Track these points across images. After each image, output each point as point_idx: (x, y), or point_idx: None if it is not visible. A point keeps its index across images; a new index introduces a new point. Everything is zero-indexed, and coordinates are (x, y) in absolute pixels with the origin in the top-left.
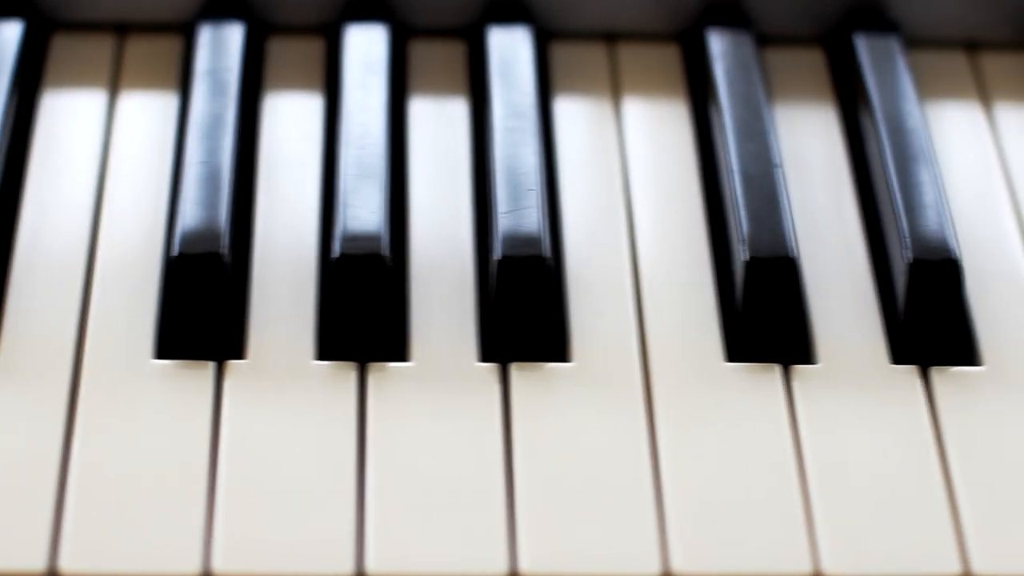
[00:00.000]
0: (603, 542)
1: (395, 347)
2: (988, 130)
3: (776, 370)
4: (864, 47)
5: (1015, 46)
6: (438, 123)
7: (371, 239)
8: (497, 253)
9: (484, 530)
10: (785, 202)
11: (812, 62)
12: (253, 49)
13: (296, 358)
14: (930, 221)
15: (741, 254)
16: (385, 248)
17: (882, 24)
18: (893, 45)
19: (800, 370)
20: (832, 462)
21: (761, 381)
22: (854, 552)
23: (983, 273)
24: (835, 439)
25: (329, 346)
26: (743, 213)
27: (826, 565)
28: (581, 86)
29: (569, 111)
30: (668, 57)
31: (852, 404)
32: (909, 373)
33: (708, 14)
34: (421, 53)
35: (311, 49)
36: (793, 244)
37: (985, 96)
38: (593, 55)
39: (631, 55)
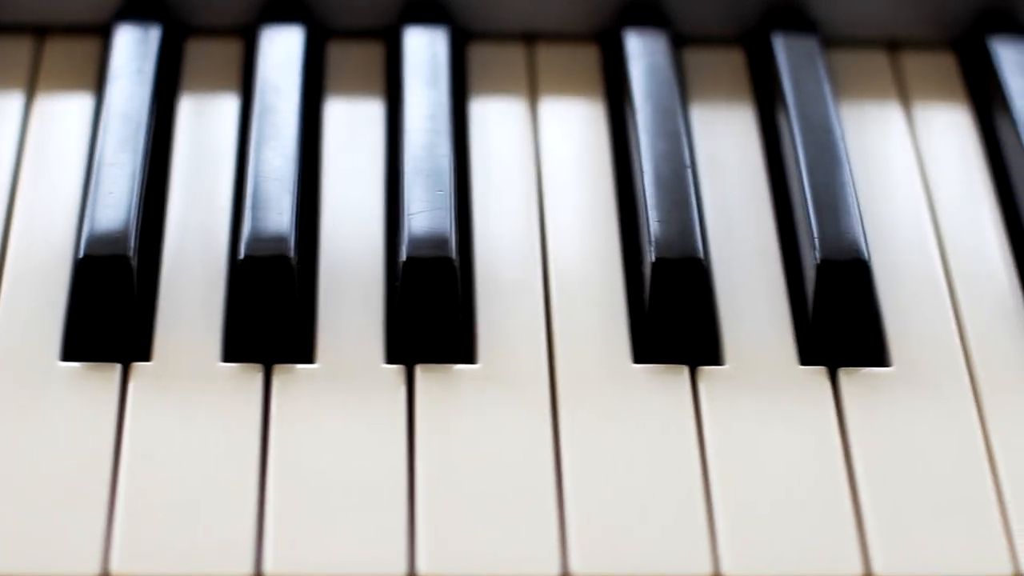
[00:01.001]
0: (503, 544)
1: (301, 349)
2: (907, 129)
3: (683, 371)
4: (782, 47)
5: (936, 45)
6: (354, 124)
7: (277, 241)
8: (404, 254)
9: (384, 531)
10: (695, 203)
11: (731, 62)
12: (171, 50)
13: (202, 360)
14: (840, 222)
15: (649, 255)
16: (291, 249)
17: (802, 24)
18: (812, 45)
19: (707, 371)
20: (736, 463)
21: (668, 382)
22: (755, 553)
23: (897, 273)
24: (740, 440)
25: (235, 348)
26: (652, 214)
27: (726, 566)
28: (498, 86)
29: (485, 112)
30: (586, 57)
31: (759, 405)
32: (817, 374)
33: (627, 14)
34: (339, 54)
35: (229, 50)
36: (701, 245)
37: (905, 96)
38: (512, 55)
39: (550, 55)
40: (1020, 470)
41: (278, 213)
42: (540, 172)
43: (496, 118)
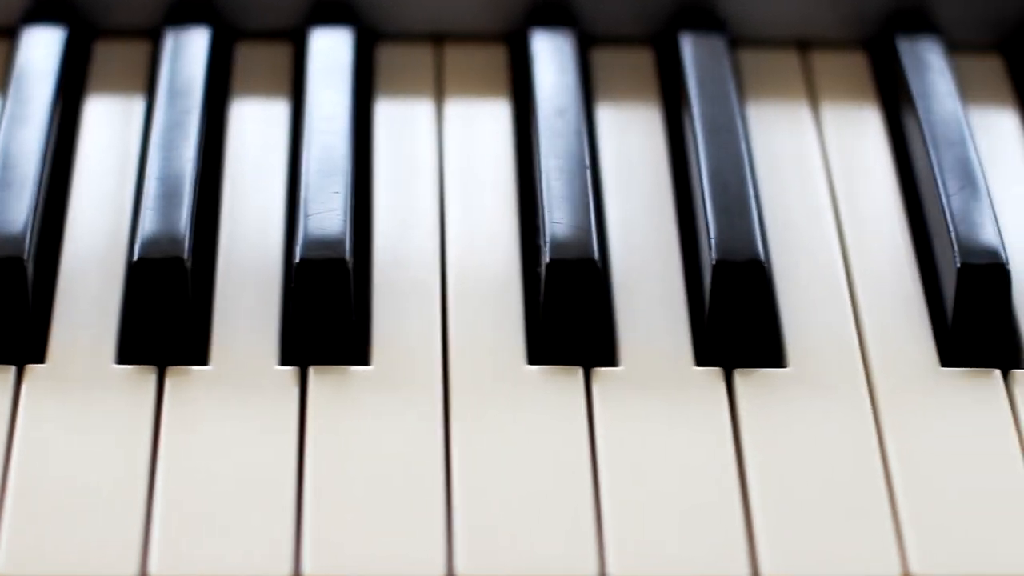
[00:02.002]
0: (389, 545)
1: (196, 351)
2: (815, 129)
3: (577, 372)
4: (688, 47)
5: (847, 45)
6: (259, 125)
7: (172, 243)
8: (297, 255)
9: (271, 533)
10: (591, 203)
11: (640, 62)
12: (78, 52)
13: (96, 362)
14: (738, 222)
15: (545, 256)
16: (185, 251)
17: (711, 24)
18: (719, 45)
19: (602, 372)
20: (628, 465)
21: (561, 383)
22: (643, 555)
23: (797, 274)
24: (633, 441)
25: (129, 350)
26: (548, 215)
27: (612, 569)
28: (405, 87)
29: (390, 112)
30: (495, 57)
31: (652, 406)
32: (712, 375)
33: (535, 15)
34: (248, 55)
35: (136, 52)
36: (597, 246)
37: (814, 95)
38: (419, 56)
39: (457, 56)
40: (913, 472)
41: (175, 215)
42: (441, 172)
43: (402, 119)
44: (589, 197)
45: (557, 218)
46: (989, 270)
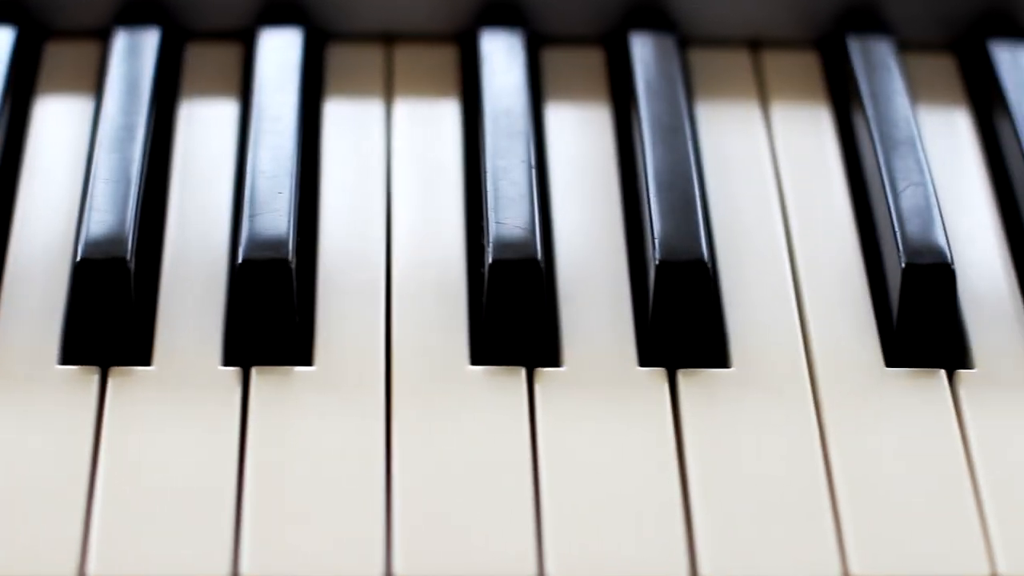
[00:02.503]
0: (329, 546)
1: (139, 351)
2: (764, 128)
3: (520, 373)
4: (638, 46)
5: (799, 45)
6: (209, 126)
7: (115, 243)
8: (240, 256)
9: (210, 533)
10: (536, 204)
11: (591, 62)
12: (24, 53)
13: (39, 362)
14: (682, 222)
15: (488, 256)
16: (129, 252)
17: (661, 23)
18: (669, 44)
19: (545, 373)
20: (569, 465)
21: (504, 384)
22: (581, 555)
23: (743, 274)
24: (575, 442)
25: (72, 350)
26: (492, 215)
27: (551, 569)
28: (355, 87)
29: (339, 113)
30: (445, 58)
31: (595, 407)
32: (655, 375)
33: (485, 15)
34: (198, 56)
35: (87, 53)
36: (539, 247)
37: (765, 95)
38: (370, 56)
39: (408, 56)
40: (855, 473)
41: (119, 215)
42: (388, 172)
43: (352, 119)
44: (533, 198)
45: (501, 218)
46: (934, 270)
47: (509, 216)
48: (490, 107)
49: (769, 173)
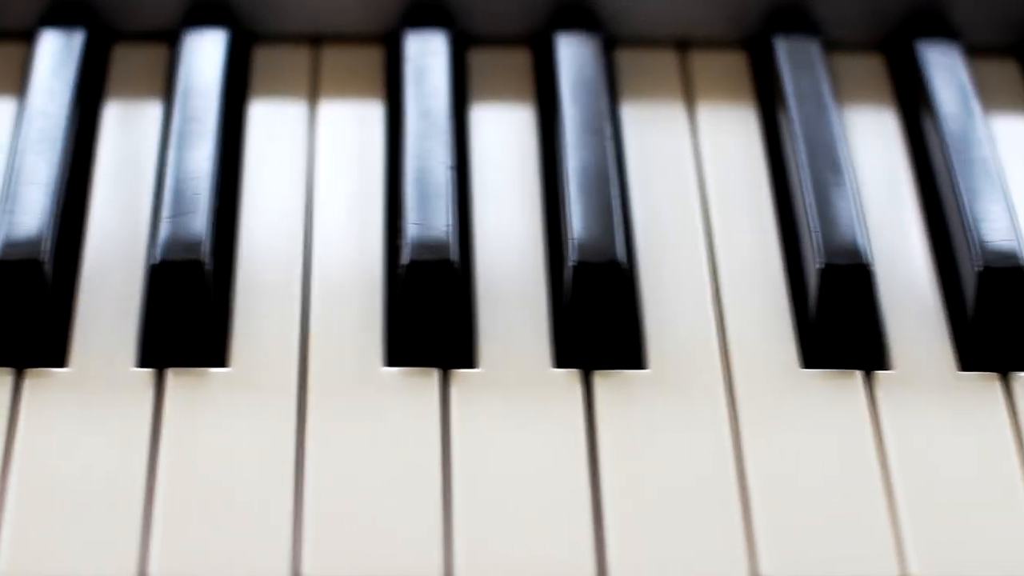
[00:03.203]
0: (238, 547)
1: (54, 352)
2: (688, 129)
3: (434, 374)
4: (564, 46)
5: (727, 45)
6: (131, 128)
7: (31, 244)
8: (155, 257)
9: (119, 535)
10: (453, 204)
11: (517, 62)
12: None
13: None
14: (600, 223)
15: (403, 258)
16: (45, 253)
17: (588, 23)
18: (594, 44)
19: (460, 374)
20: (483, 467)
21: (418, 385)
22: (492, 556)
23: (663, 275)
24: (489, 444)
25: None
26: (409, 216)
27: (460, 570)
28: (280, 88)
29: (263, 113)
30: (371, 59)
31: (509, 408)
32: (570, 377)
33: (411, 15)
34: (124, 58)
35: (10, 53)
36: (455, 248)
37: (691, 95)
38: (296, 57)
39: (335, 57)
40: (769, 474)
41: (33, 216)
42: (311, 173)
43: (276, 120)
44: (449, 198)
45: (417, 219)
46: (851, 271)
47: (426, 217)
48: (412, 108)
49: (692, 174)
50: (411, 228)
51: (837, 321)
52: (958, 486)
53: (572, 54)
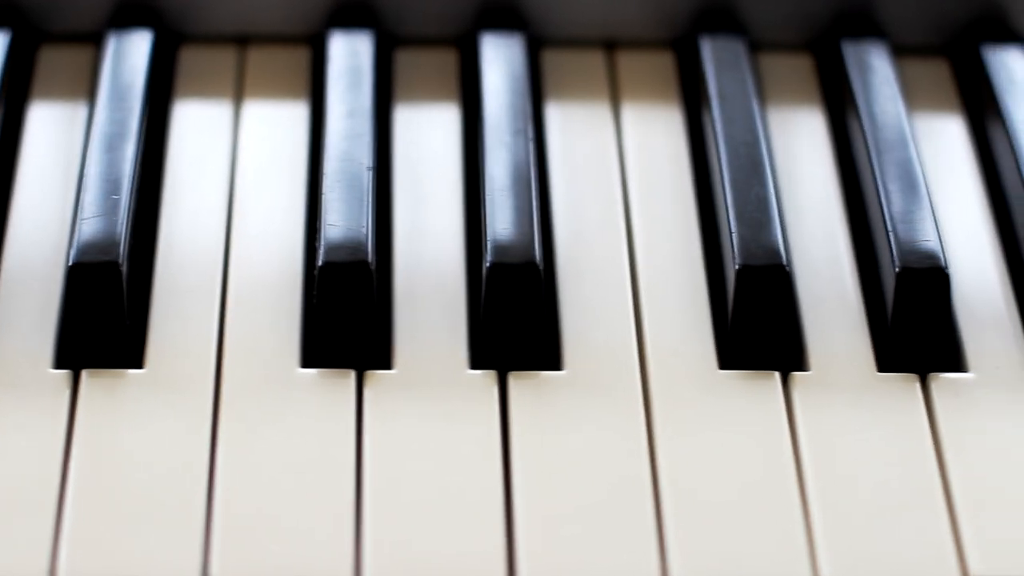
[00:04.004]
0: (148, 549)
1: None
2: (613, 129)
3: (350, 376)
4: (489, 47)
5: (653, 45)
6: (56, 129)
7: None
8: (71, 259)
9: (29, 535)
10: (370, 206)
11: (444, 63)
12: None
13: None
14: (518, 224)
15: (318, 259)
16: None
17: (514, 24)
18: (518, 45)
19: (375, 375)
20: (395, 468)
21: (333, 386)
22: (401, 557)
23: (582, 276)
24: (402, 445)
25: None
26: (327, 216)
27: (368, 570)
28: (205, 89)
29: (188, 114)
30: (296, 59)
31: (425, 409)
32: (487, 378)
33: (337, 16)
34: (50, 58)
35: None
36: (371, 249)
37: (616, 95)
38: (222, 58)
39: (260, 58)
40: (681, 476)
41: None
42: (235, 175)
43: (200, 120)
44: (368, 199)
45: (334, 220)
46: (769, 271)
47: (344, 218)
48: (335, 109)
49: (616, 174)
50: (328, 229)
51: (754, 322)
52: (875, 487)
53: (496, 55)
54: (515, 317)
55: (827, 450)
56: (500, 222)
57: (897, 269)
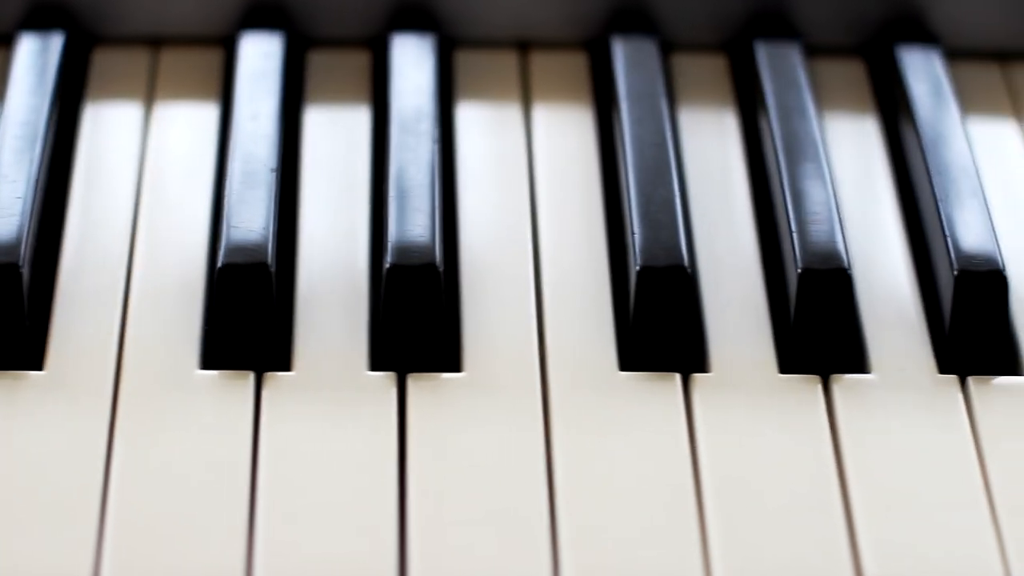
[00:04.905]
0: (37, 550)
1: None
2: (523, 130)
3: (248, 377)
4: (398, 48)
5: (567, 46)
6: None
7: None
8: None
9: None
10: (273, 207)
11: (357, 64)
12: None
13: None
14: (416, 225)
15: (218, 260)
16: None
17: (426, 25)
18: (427, 45)
19: (274, 377)
20: (291, 469)
21: (232, 388)
22: (291, 558)
23: (484, 277)
24: (299, 447)
25: None
26: (229, 218)
27: (259, 571)
28: (117, 90)
29: (99, 116)
30: (209, 61)
31: (323, 411)
32: (385, 379)
33: (250, 19)
34: None
35: None
36: (271, 250)
37: (528, 96)
38: (136, 60)
39: (174, 59)
40: (577, 477)
41: None
42: (141, 176)
43: (111, 122)
44: (270, 201)
45: (235, 223)
46: (670, 272)
47: (245, 219)
48: (243, 110)
49: (524, 175)
50: (229, 230)
51: (655, 324)
52: (772, 489)
53: (406, 56)
54: (414, 319)
55: (725, 451)
56: (401, 224)
57: (799, 270)
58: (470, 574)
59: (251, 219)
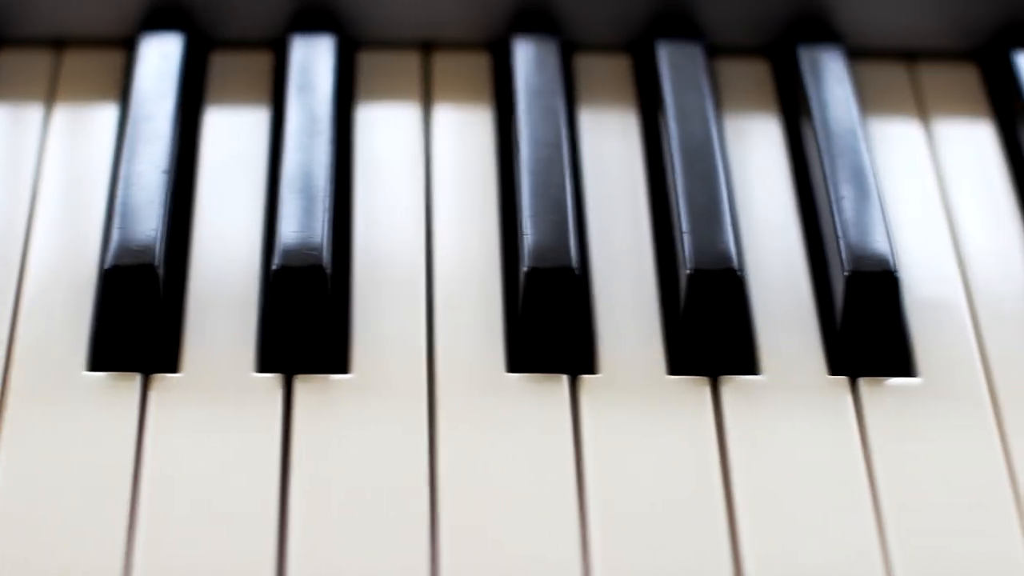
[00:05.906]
0: None
1: None
2: (421, 129)
3: (135, 379)
4: (298, 49)
5: (471, 46)
6: None
7: None
8: None
9: None
10: (162, 208)
11: (259, 65)
12: None
13: None
14: (307, 226)
15: (106, 262)
16: None
17: (328, 26)
18: (327, 46)
19: (161, 379)
20: (174, 470)
21: (118, 390)
22: (171, 563)
23: (375, 278)
24: (184, 449)
25: None
26: (117, 220)
27: (138, 571)
28: (17, 93)
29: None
30: (111, 63)
31: (209, 413)
32: (272, 382)
33: (152, 20)
34: None
35: None
36: (159, 252)
37: (429, 96)
38: (37, 61)
39: (74, 61)
40: (461, 478)
41: None
42: (39, 179)
43: (10, 125)
44: (161, 203)
45: (123, 224)
46: (556, 273)
47: (134, 222)
48: (134, 112)
49: (420, 175)
50: (116, 232)
51: (543, 325)
52: (657, 491)
53: (304, 57)
54: (301, 321)
55: (611, 452)
56: (290, 225)
57: (688, 271)
58: (348, 572)
59: (140, 221)
